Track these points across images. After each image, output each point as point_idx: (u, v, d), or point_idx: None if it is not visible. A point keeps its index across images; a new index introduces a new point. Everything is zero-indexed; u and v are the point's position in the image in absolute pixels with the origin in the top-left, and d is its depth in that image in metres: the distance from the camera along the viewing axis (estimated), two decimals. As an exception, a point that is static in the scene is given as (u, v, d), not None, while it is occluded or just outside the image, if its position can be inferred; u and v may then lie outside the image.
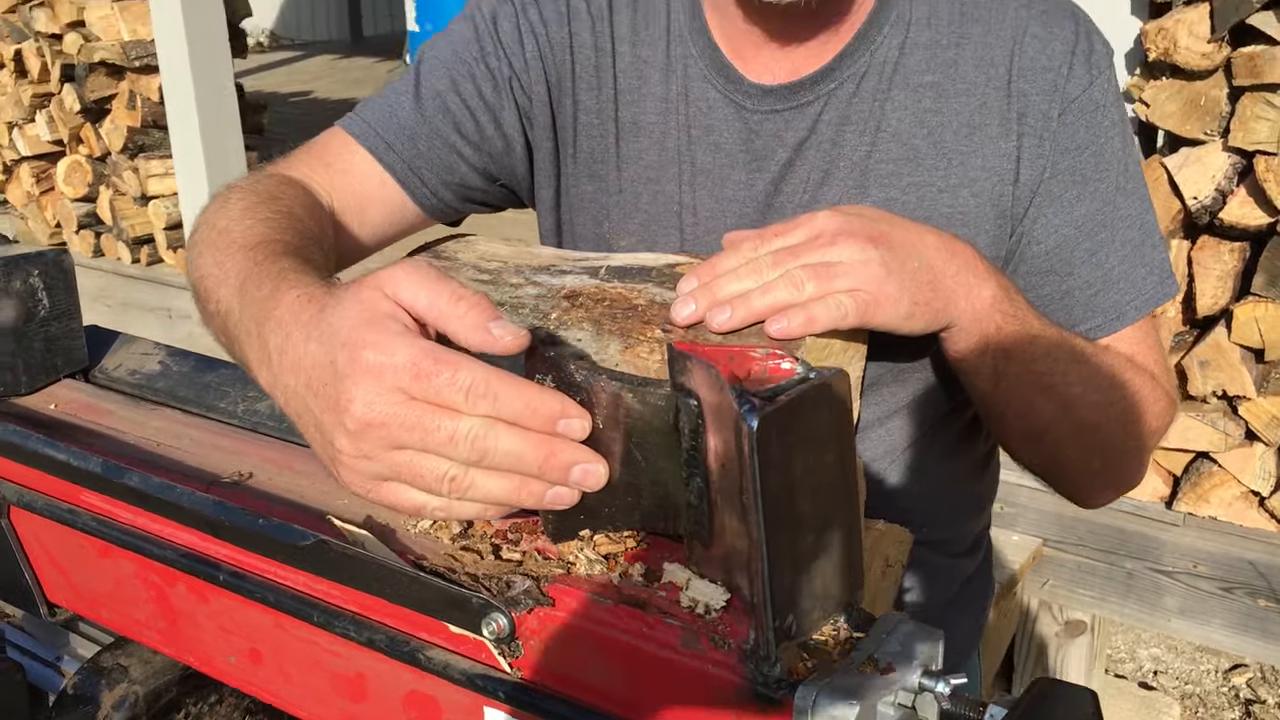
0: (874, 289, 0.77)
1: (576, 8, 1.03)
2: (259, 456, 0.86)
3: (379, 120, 1.04)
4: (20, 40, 4.47)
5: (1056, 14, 0.97)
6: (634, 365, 0.75)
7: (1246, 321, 2.24)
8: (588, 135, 1.04)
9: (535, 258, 0.92)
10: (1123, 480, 1.05)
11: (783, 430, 0.56)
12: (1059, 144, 0.96)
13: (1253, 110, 2.14)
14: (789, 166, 0.99)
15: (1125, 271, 0.99)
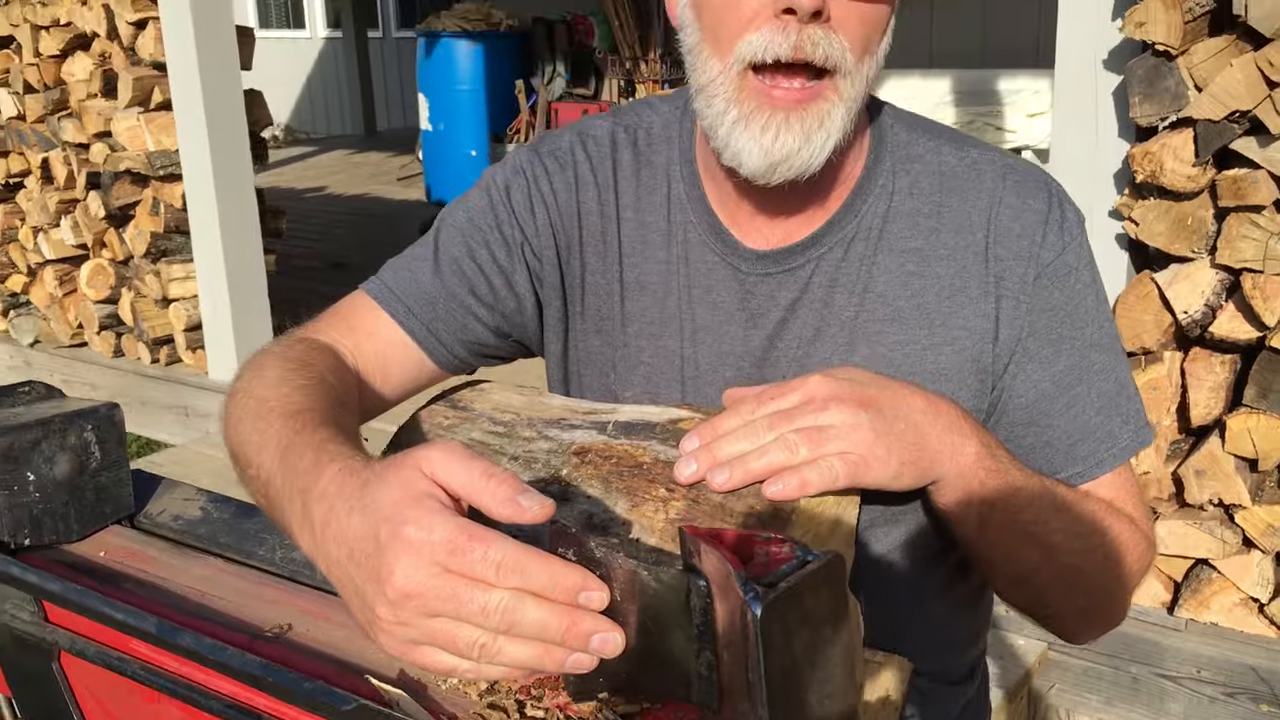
0: (864, 451, 0.83)
1: (584, 178, 1.11)
2: (297, 607, 0.93)
3: (400, 286, 1.11)
4: (48, 149, 4.62)
5: (1030, 184, 1.04)
6: (639, 523, 0.82)
7: (1240, 432, 2.30)
8: (595, 294, 1.11)
9: (546, 409, 0.99)
10: (1106, 619, 1.09)
11: (784, 614, 0.62)
12: (1035, 305, 1.02)
13: (1238, 230, 2.22)
14: (783, 324, 1.06)
15: (1102, 422, 1.05)
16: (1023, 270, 1.02)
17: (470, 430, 0.96)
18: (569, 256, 1.12)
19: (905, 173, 1.06)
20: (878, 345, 1.03)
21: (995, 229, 1.02)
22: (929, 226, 1.04)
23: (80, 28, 4.42)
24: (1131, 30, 2.23)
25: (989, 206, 1.03)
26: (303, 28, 12.75)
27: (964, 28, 7.52)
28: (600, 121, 1.15)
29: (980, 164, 1.05)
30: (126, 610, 0.86)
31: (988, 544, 0.97)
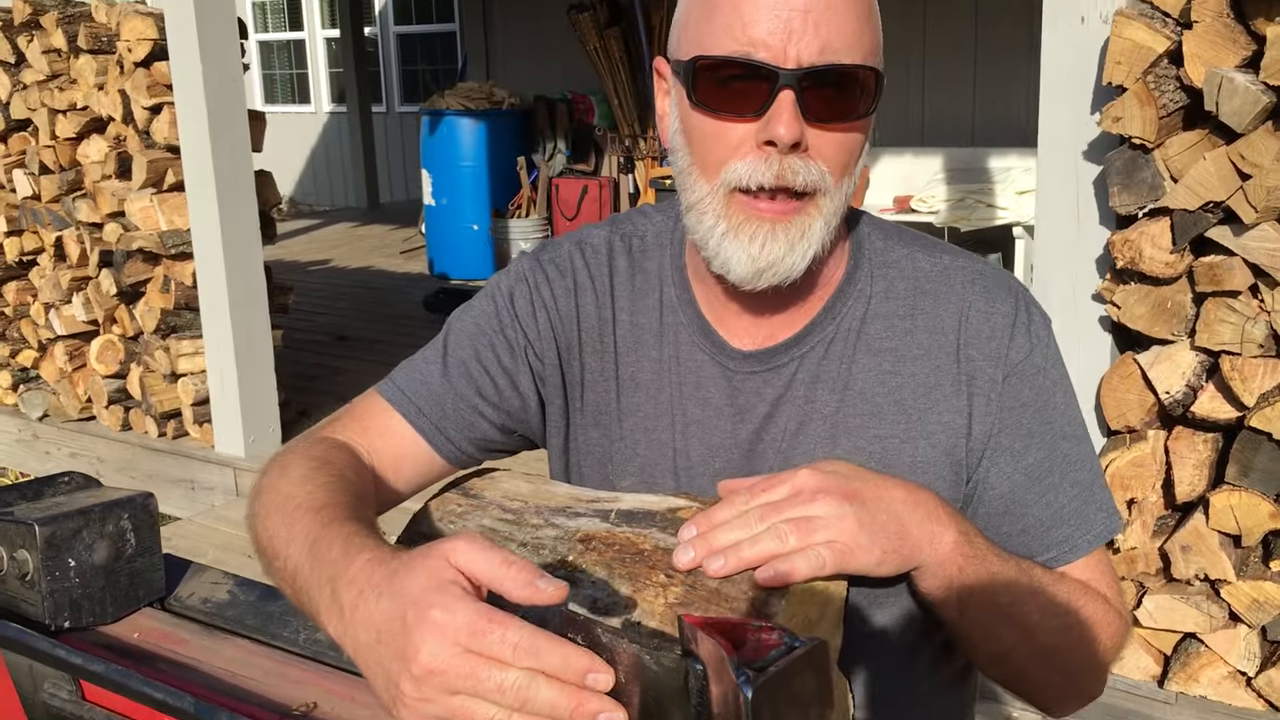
0: (848, 540, 0.90)
1: (582, 284, 1.19)
2: (322, 686, 0.99)
3: (411, 387, 1.19)
4: (62, 228, 4.73)
5: (997, 290, 1.12)
6: (641, 607, 0.88)
7: (1223, 509, 2.36)
8: (593, 391, 1.19)
9: (552, 497, 1.06)
10: (1084, 693, 1.13)
11: (773, 695, 0.69)
12: (1005, 403, 1.09)
13: (1216, 314, 2.31)
14: (768, 419, 1.13)
15: (1076, 509, 1.11)
16: (992, 370, 1.09)
17: (481, 517, 1.03)
18: (569, 357, 1.19)
19: (882, 277, 1.13)
20: (858, 439, 1.10)
21: (966, 331, 1.10)
22: (904, 328, 1.11)
23: (96, 112, 4.55)
24: (1109, 125, 2.34)
25: (959, 310, 1.10)
26: (308, 103, 13.00)
27: (956, 106, 7.70)
28: (598, 230, 1.23)
29: (950, 270, 1.13)
30: (165, 690, 0.92)
31: (968, 624, 1.03)
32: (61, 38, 4.56)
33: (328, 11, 12.61)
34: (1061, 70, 2.49)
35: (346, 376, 5.55)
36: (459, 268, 7.64)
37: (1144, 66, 2.30)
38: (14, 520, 1.06)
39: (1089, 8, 2.41)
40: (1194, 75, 2.25)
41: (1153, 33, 2.29)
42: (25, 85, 4.76)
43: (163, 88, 4.32)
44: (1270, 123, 2.20)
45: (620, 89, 7.68)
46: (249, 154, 4.28)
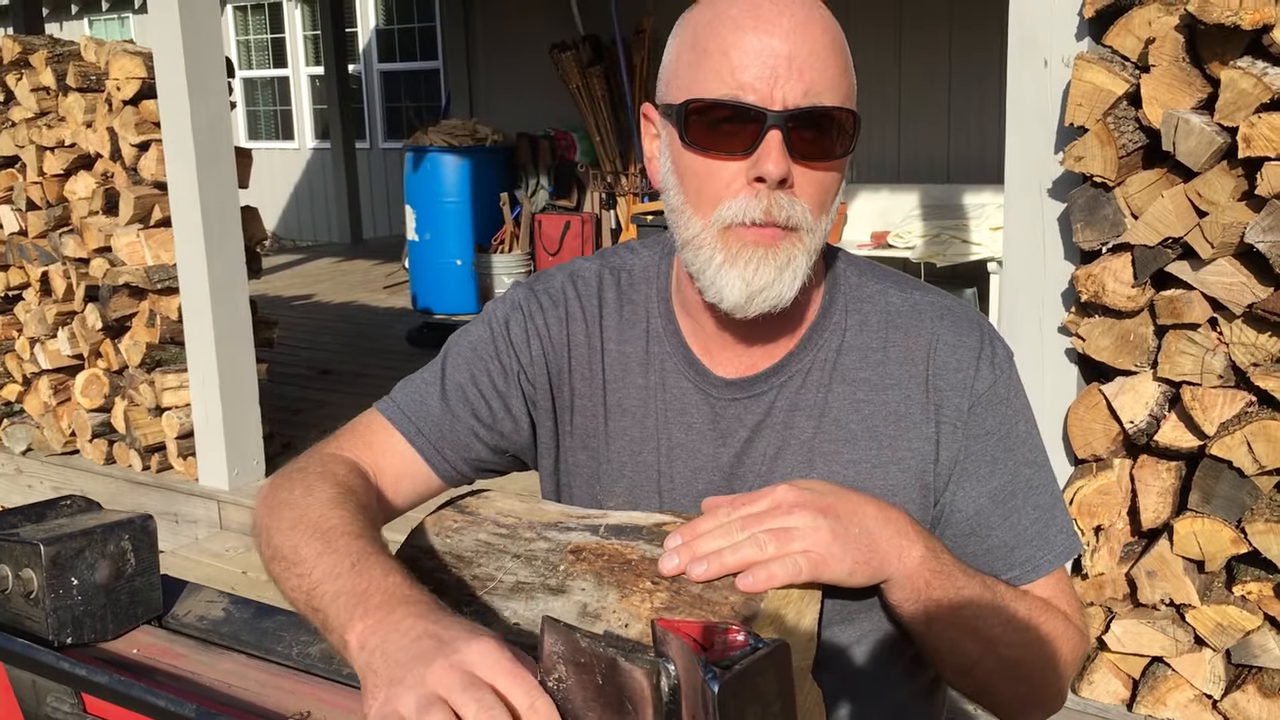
0: (823, 550, 0.96)
1: (574, 314, 1.26)
2: (313, 696, 1.04)
3: (410, 408, 1.25)
4: (48, 263, 4.78)
5: (963, 324, 1.18)
6: (629, 611, 0.95)
7: (1186, 535, 2.43)
8: (582, 415, 1.25)
9: (544, 514, 1.12)
10: (1045, 705, 1.20)
11: (738, 691, 0.75)
12: (970, 431, 1.15)
13: (1176, 346, 2.39)
14: (748, 443, 1.19)
15: (1038, 531, 1.17)
16: (958, 399, 1.16)
17: (477, 532, 1.09)
18: (559, 382, 1.26)
19: (856, 311, 1.20)
20: (833, 464, 1.16)
21: (934, 363, 1.16)
22: (877, 359, 1.18)
23: (84, 149, 4.61)
24: (1072, 164, 2.43)
25: (929, 343, 1.17)
26: (292, 139, 13.08)
27: (931, 144, 7.83)
28: (589, 263, 1.30)
29: (920, 305, 1.19)
30: (167, 698, 0.97)
31: (934, 636, 1.09)
32: (50, 76, 4.63)
33: (312, 49, 12.72)
34: (1026, 111, 2.58)
35: (330, 410, 5.58)
36: (442, 303, 7.70)
37: (1104, 108, 2.39)
38: (19, 540, 1.11)
39: (1051, 52, 2.51)
40: (1152, 116, 2.35)
41: (1112, 76, 2.38)
42: (14, 122, 4.81)
43: (150, 125, 4.39)
44: (1225, 162, 2.29)
45: (602, 126, 7.78)
46: (235, 190, 4.34)
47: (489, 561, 1.06)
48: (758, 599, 0.94)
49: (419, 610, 0.87)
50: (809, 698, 1.00)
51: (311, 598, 0.97)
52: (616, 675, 0.83)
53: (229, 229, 4.31)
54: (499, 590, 1.03)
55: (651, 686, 0.82)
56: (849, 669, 1.23)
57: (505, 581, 1.03)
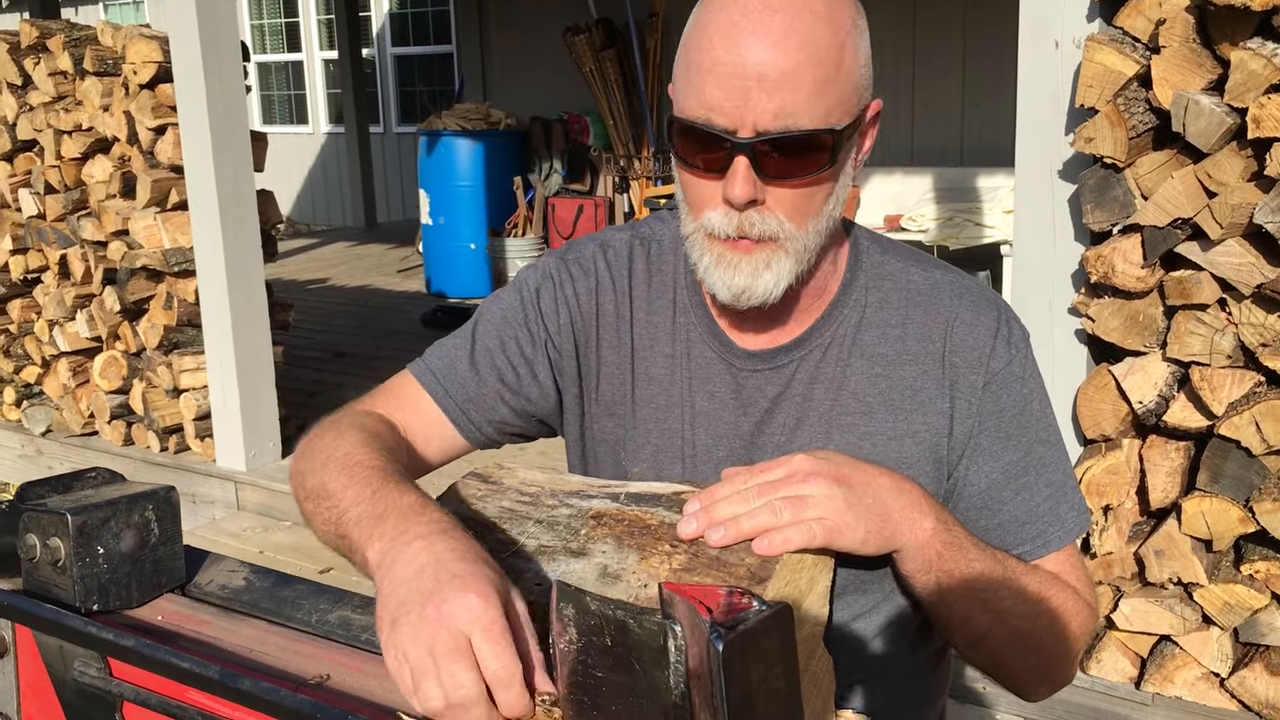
0: (837, 518, 0.99)
1: (603, 284, 1.29)
2: (332, 660, 1.07)
3: (441, 370, 1.30)
4: (67, 246, 4.82)
5: (982, 303, 1.21)
6: (648, 573, 0.97)
7: (1194, 515, 2.45)
8: (609, 383, 1.28)
9: (566, 484, 1.15)
10: (1054, 678, 1.22)
11: (742, 650, 0.77)
12: (985, 408, 1.18)
13: (1186, 326, 2.40)
14: (769, 413, 1.22)
15: (1050, 508, 1.20)
16: (974, 377, 1.18)
17: (500, 500, 1.13)
18: (586, 351, 1.29)
19: (877, 289, 1.23)
20: (850, 435, 1.19)
21: (952, 340, 1.19)
22: (895, 335, 1.21)
23: (101, 132, 4.65)
24: (1082, 145, 2.44)
25: (946, 321, 1.19)
26: (306, 124, 13.12)
27: (945, 127, 7.82)
28: (620, 234, 1.33)
29: (940, 284, 1.22)
30: (192, 660, 1.00)
31: (945, 607, 1.11)
32: (68, 60, 4.66)
33: (326, 33, 12.75)
34: (1037, 93, 2.59)
35: (344, 393, 5.63)
36: (456, 286, 7.74)
37: (1115, 89, 2.40)
38: (47, 510, 1.14)
39: (1062, 33, 2.52)
40: (1162, 98, 2.35)
41: (1123, 57, 2.39)
42: (32, 107, 4.85)
43: (167, 109, 4.42)
44: (1234, 143, 2.30)
45: (615, 110, 7.80)
46: (251, 174, 4.38)
47: (512, 527, 1.09)
48: (773, 562, 0.96)
49: (427, 530, 0.92)
50: (820, 664, 1.02)
51: (339, 526, 1.03)
52: (626, 637, 0.86)
53: (245, 212, 4.35)
54: (522, 553, 1.05)
55: (660, 647, 0.84)
56: (857, 638, 1.26)
57: (528, 545, 1.06)
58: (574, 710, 0.86)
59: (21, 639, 1.18)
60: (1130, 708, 2.66)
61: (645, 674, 0.86)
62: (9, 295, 5.15)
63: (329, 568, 3.94)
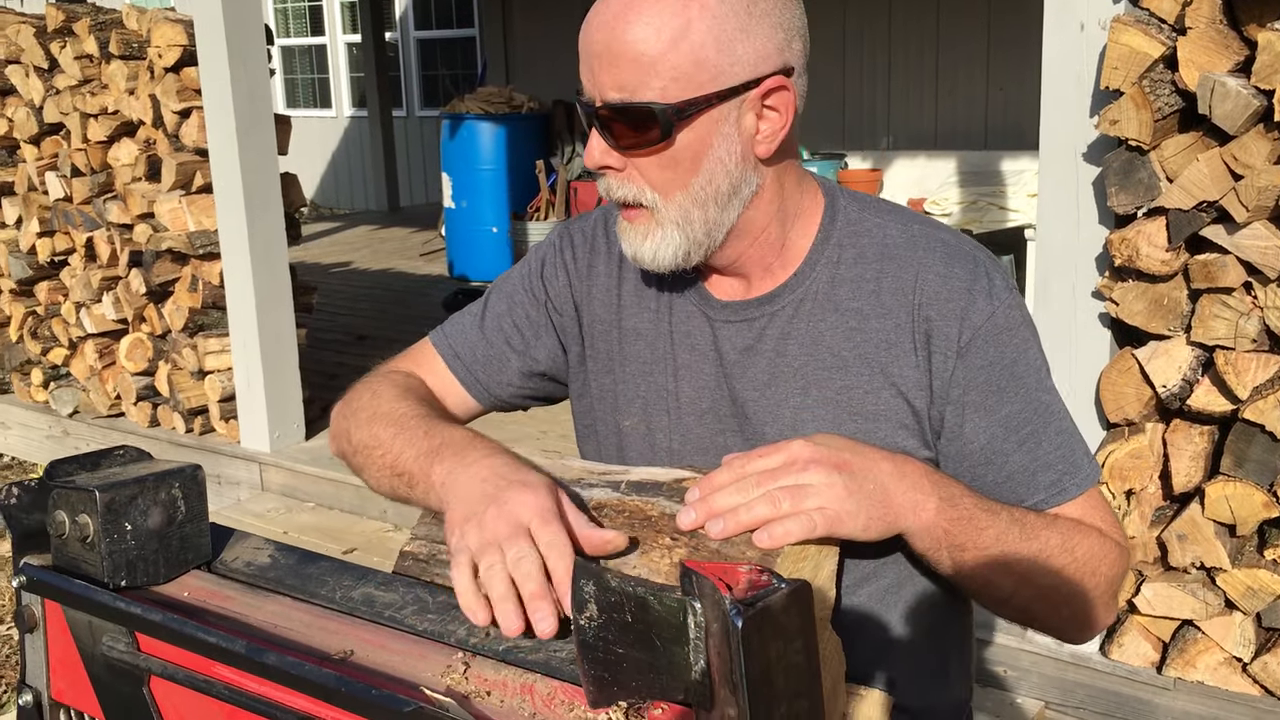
0: (837, 507, 0.99)
1: (599, 249, 1.37)
2: (356, 637, 1.09)
3: (454, 336, 1.40)
4: (93, 229, 4.86)
5: (957, 256, 1.21)
6: (647, 567, 0.98)
7: (1218, 499, 2.44)
8: (603, 341, 1.35)
9: (568, 470, 1.16)
10: (1093, 623, 1.22)
11: (761, 626, 0.78)
12: (970, 364, 1.17)
13: (1210, 310, 2.39)
14: (739, 365, 1.25)
15: (1063, 455, 1.19)
16: (949, 329, 1.18)
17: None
18: (583, 311, 1.36)
19: (852, 245, 1.24)
20: (826, 389, 1.21)
21: (922, 292, 1.19)
22: (870, 289, 1.22)
23: (127, 116, 4.67)
24: (1106, 127, 2.42)
25: (917, 273, 1.20)
26: (329, 107, 13.15)
27: (968, 110, 7.77)
28: None
29: (917, 238, 1.23)
30: (218, 635, 1.02)
31: (965, 578, 1.12)
32: (94, 44, 4.69)
33: (349, 17, 12.77)
34: (1062, 75, 2.57)
35: (368, 375, 5.65)
36: (478, 270, 7.75)
37: (1140, 71, 2.38)
38: (76, 487, 1.16)
39: (1087, 14, 2.50)
40: (1188, 79, 2.34)
41: (1148, 38, 2.37)
42: (58, 90, 4.88)
43: (192, 92, 4.44)
44: (1261, 125, 2.28)
45: (637, 93, 7.76)
46: (275, 157, 4.40)
47: None
48: (774, 555, 0.97)
49: (483, 453, 1.08)
50: (828, 645, 1.03)
51: (395, 467, 1.16)
52: (646, 613, 0.87)
53: (269, 195, 4.37)
54: None
55: (680, 624, 0.85)
56: (878, 622, 1.26)
57: None
58: (594, 686, 0.87)
59: (51, 614, 1.20)
60: (1152, 692, 2.66)
61: (665, 650, 0.87)
62: (36, 278, 5.20)
63: (352, 548, 3.97)
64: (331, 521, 4.29)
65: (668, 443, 1.29)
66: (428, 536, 1.15)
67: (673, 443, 1.29)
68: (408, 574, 1.15)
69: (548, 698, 0.93)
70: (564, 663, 0.96)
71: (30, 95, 4.99)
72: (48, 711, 1.23)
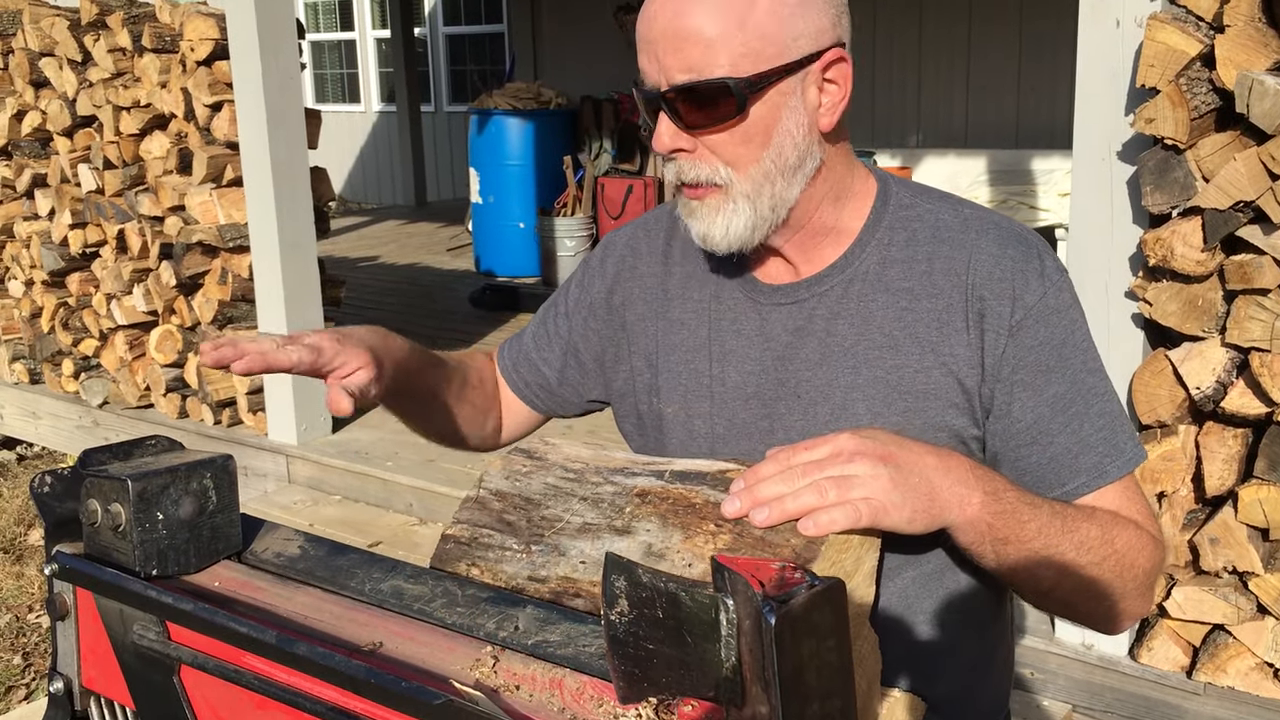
0: (883, 498, 0.99)
1: (640, 250, 1.41)
2: (385, 629, 1.09)
3: (509, 347, 1.51)
4: (124, 221, 4.90)
5: (1010, 237, 1.22)
6: (693, 552, 0.98)
7: (1251, 503, 2.41)
8: (643, 336, 1.37)
9: (611, 460, 1.16)
10: (1130, 613, 1.22)
11: (794, 624, 0.77)
12: (1021, 343, 1.18)
13: (1246, 311, 2.36)
14: (791, 347, 1.26)
15: (1105, 437, 1.19)
16: (1002, 308, 1.19)
17: (545, 476, 1.13)
18: (625, 309, 1.40)
19: (904, 228, 1.25)
20: (877, 369, 1.22)
21: (976, 273, 1.20)
22: (921, 270, 1.23)
23: (159, 109, 4.71)
24: (1142, 126, 2.40)
25: (969, 254, 1.21)
26: (358, 102, 13.21)
27: (999, 108, 7.72)
28: (668, 203, 1.44)
29: (970, 220, 1.24)
30: (249, 625, 1.02)
31: (1008, 571, 1.12)
32: (127, 37, 4.72)
33: (378, 12, 12.81)
34: (1096, 73, 2.55)
35: (395, 369, 5.67)
36: (505, 265, 7.77)
37: (1176, 69, 2.35)
38: (109, 476, 1.16)
39: (1123, 12, 2.47)
40: (1225, 78, 2.31)
41: (1185, 36, 2.34)
42: (91, 83, 4.92)
43: (223, 86, 4.47)
44: (1300, 124, 2.25)
45: (666, 90, 7.75)
46: (305, 150, 4.42)
47: (556, 504, 1.09)
48: (818, 543, 0.96)
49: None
50: (866, 644, 1.02)
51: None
52: (677, 609, 0.86)
53: (299, 189, 4.39)
54: (566, 530, 1.06)
55: (711, 620, 0.85)
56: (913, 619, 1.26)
57: (572, 522, 1.07)
58: (624, 681, 0.86)
59: (83, 602, 1.21)
60: (1181, 697, 2.63)
61: (696, 647, 0.86)
62: (68, 269, 5.24)
63: (377, 541, 3.99)
64: (357, 514, 4.31)
65: (708, 428, 1.30)
66: (470, 520, 1.15)
67: (715, 428, 1.30)
68: (449, 557, 1.14)
69: (577, 692, 0.93)
70: (593, 657, 0.95)
71: (64, 88, 5.03)
72: (78, 699, 1.23)
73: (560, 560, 1.04)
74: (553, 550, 1.05)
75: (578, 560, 1.03)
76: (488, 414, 1.48)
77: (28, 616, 3.93)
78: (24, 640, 3.77)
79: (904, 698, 1.12)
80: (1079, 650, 2.78)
